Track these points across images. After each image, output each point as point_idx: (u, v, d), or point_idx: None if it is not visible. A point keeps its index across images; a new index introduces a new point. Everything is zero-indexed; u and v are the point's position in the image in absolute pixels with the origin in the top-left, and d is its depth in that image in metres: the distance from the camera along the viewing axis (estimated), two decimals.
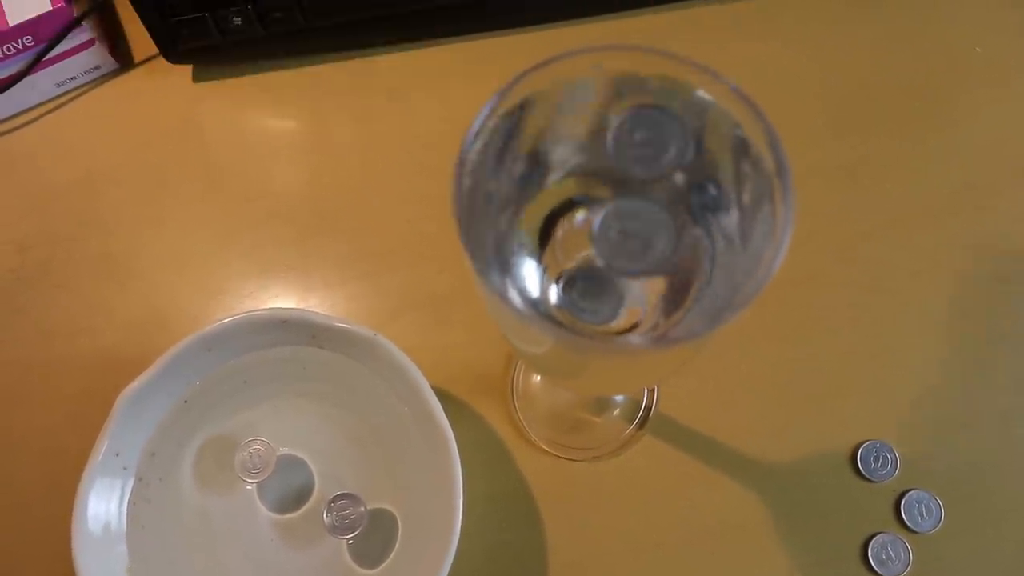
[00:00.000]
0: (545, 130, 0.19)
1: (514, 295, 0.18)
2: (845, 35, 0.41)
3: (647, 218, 0.17)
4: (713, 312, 0.19)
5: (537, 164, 0.19)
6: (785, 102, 0.40)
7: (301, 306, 0.38)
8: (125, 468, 0.33)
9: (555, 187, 0.20)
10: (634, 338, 0.19)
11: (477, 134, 0.17)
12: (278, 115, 0.43)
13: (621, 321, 0.21)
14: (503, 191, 0.19)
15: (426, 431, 0.31)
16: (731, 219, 0.20)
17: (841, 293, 0.36)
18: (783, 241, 0.17)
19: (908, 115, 0.39)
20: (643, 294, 0.21)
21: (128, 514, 0.32)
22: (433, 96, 0.42)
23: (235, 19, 0.40)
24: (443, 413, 0.31)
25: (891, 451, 0.34)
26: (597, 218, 0.17)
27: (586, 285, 0.21)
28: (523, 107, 0.18)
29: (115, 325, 0.39)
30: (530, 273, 0.20)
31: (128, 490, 0.33)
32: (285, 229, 0.40)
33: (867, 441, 0.34)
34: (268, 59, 0.43)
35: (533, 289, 0.20)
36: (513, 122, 0.18)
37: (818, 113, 0.40)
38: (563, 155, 0.19)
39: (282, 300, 0.39)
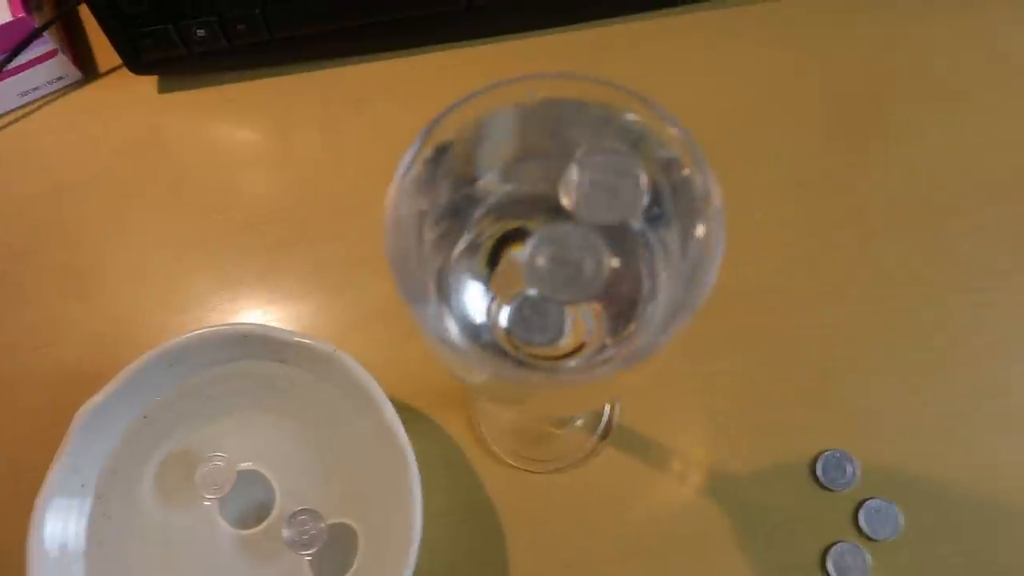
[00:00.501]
0: (482, 158, 0.19)
1: (451, 324, 0.18)
2: (813, 46, 0.42)
3: (578, 244, 0.17)
4: (655, 332, 0.19)
5: (475, 193, 0.19)
6: (748, 113, 0.40)
7: (266, 319, 0.38)
8: (84, 485, 0.32)
9: (497, 214, 0.20)
10: (569, 364, 0.19)
11: (410, 165, 0.17)
12: (245, 126, 0.43)
13: (567, 342, 0.21)
14: (442, 220, 0.19)
15: (386, 445, 0.31)
16: (671, 234, 0.20)
17: (801, 303, 0.37)
18: (715, 260, 0.17)
19: (871, 126, 0.40)
20: (588, 314, 0.21)
21: (87, 532, 0.32)
22: (400, 106, 0.42)
23: (199, 31, 0.40)
24: (402, 427, 0.31)
25: (851, 460, 0.34)
26: (527, 248, 0.17)
27: (531, 309, 0.21)
28: (458, 136, 0.18)
29: (78, 339, 0.39)
30: (475, 300, 0.20)
31: (87, 507, 0.32)
32: (251, 241, 0.40)
33: (827, 450, 0.34)
34: (234, 70, 0.43)
35: (478, 315, 0.20)
36: (449, 151, 0.18)
37: (785, 125, 0.40)
38: (501, 183, 0.19)
39: (248, 313, 0.39)
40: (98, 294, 0.40)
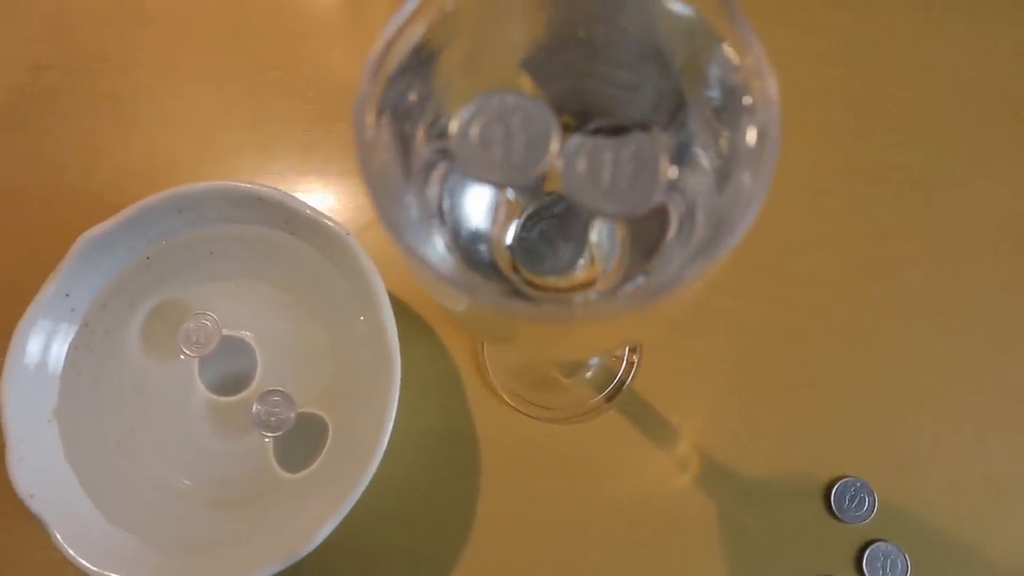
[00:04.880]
0: (487, 33, 0.16)
1: (438, 235, 0.15)
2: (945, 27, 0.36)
3: (522, 117, 0.14)
4: (673, 270, 0.16)
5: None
6: (853, 92, 0.36)
7: (290, 189, 0.36)
8: (73, 310, 0.31)
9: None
10: (571, 298, 0.16)
11: (393, 40, 0.14)
12: None
13: (580, 274, 0.18)
14: (436, 108, 0.16)
15: (377, 345, 0.29)
16: (707, 166, 0.17)
17: (856, 308, 0.33)
18: (760, 189, 0.14)
19: (971, 133, 0.35)
20: (608, 249, 0.18)
21: (67, 357, 0.31)
22: None
23: None
24: (395, 328, 0.28)
25: (870, 493, 0.30)
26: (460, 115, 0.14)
27: (546, 228, 0.18)
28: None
29: (106, 167, 0.37)
30: (477, 209, 0.17)
31: (72, 334, 0.32)
32: (300, 107, 0.38)
33: (847, 477, 0.31)
34: None
35: (479, 222, 0.17)
36: (446, 23, 0.15)
37: (894, 109, 0.35)
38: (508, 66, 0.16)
39: (275, 178, 0.37)
40: (136, 127, 0.38)
